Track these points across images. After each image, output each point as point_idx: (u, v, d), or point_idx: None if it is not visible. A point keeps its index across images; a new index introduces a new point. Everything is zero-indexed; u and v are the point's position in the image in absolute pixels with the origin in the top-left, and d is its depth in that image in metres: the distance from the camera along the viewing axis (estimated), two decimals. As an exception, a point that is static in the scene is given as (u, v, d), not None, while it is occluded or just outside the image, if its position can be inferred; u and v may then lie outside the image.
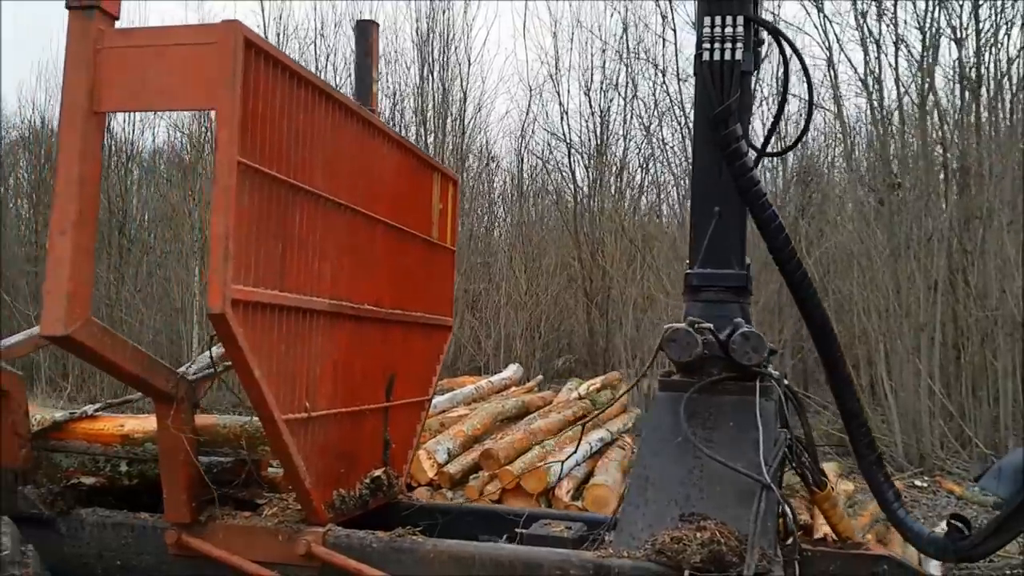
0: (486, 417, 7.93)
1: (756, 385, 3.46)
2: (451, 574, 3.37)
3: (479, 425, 7.74)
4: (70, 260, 2.88)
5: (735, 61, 3.51)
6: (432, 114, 18.67)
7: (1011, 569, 6.29)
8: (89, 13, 2.96)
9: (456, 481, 6.85)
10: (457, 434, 7.38)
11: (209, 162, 20.97)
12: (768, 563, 3.15)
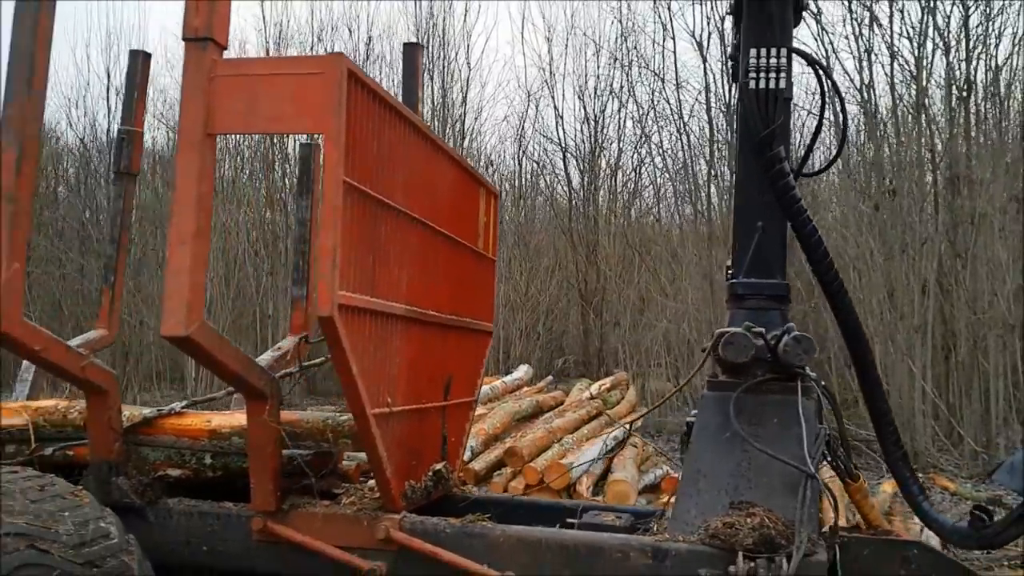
0: (504, 416, 8.24)
1: (798, 385, 3.79)
2: (519, 557, 3.67)
3: (498, 424, 8.06)
4: (189, 269, 3.17)
5: (779, 89, 3.84)
6: (432, 119, 18.97)
7: (1009, 561, 6.64)
8: (203, 44, 3.25)
9: (480, 477, 7.17)
10: (479, 432, 7.69)
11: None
12: (813, 545, 3.47)
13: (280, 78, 3.24)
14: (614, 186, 18.69)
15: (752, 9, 3.91)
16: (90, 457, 3.98)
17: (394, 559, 3.76)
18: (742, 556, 3.40)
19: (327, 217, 3.14)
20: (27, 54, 3.43)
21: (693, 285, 14.50)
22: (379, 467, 3.66)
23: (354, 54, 20.61)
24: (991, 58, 13.96)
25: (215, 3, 3.27)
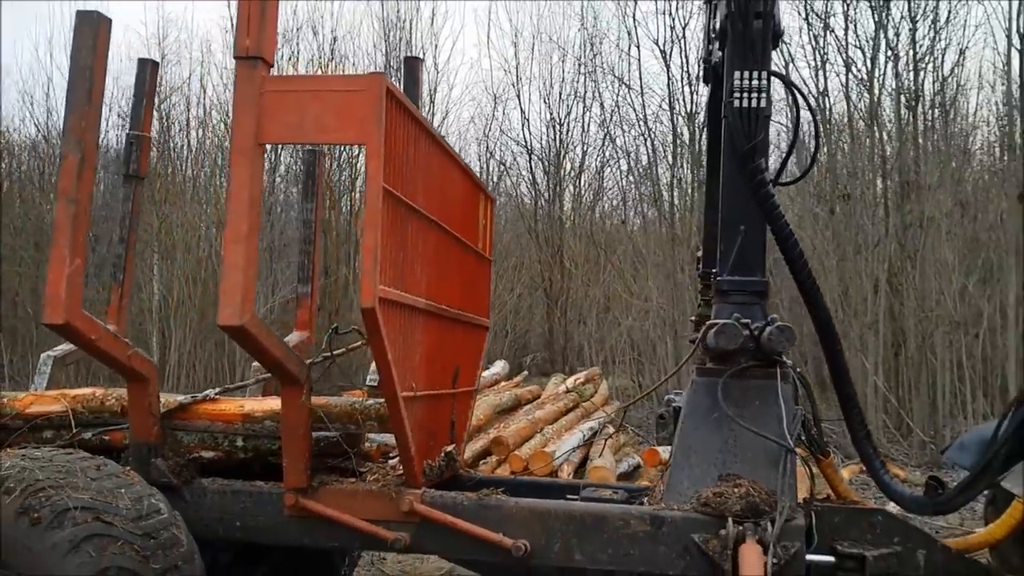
0: (487, 409, 8.64)
1: (777, 371, 4.24)
2: (532, 526, 4.06)
3: (482, 416, 8.45)
4: (243, 266, 3.53)
5: (760, 108, 4.28)
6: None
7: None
8: (254, 63, 3.60)
9: (468, 465, 7.54)
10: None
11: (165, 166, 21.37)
12: (793, 512, 3.92)
13: (326, 94, 3.61)
14: (579, 187, 19.20)
15: (736, 35, 4.34)
16: (131, 440, 4.29)
17: (416, 530, 4.13)
18: (731, 521, 3.84)
19: (370, 219, 3.52)
20: (86, 68, 3.75)
21: (657, 284, 15.02)
22: (405, 446, 4.03)
23: (319, 54, 20.91)
24: (938, 69, 14.70)
25: (264, 25, 3.62)
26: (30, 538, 3.44)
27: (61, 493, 3.53)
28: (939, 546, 4.22)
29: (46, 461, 3.72)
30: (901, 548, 4.15)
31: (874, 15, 14.27)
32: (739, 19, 4.27)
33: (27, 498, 3.48)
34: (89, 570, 3.41)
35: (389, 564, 7.19)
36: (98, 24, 3.80)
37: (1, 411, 4.53)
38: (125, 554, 3.51)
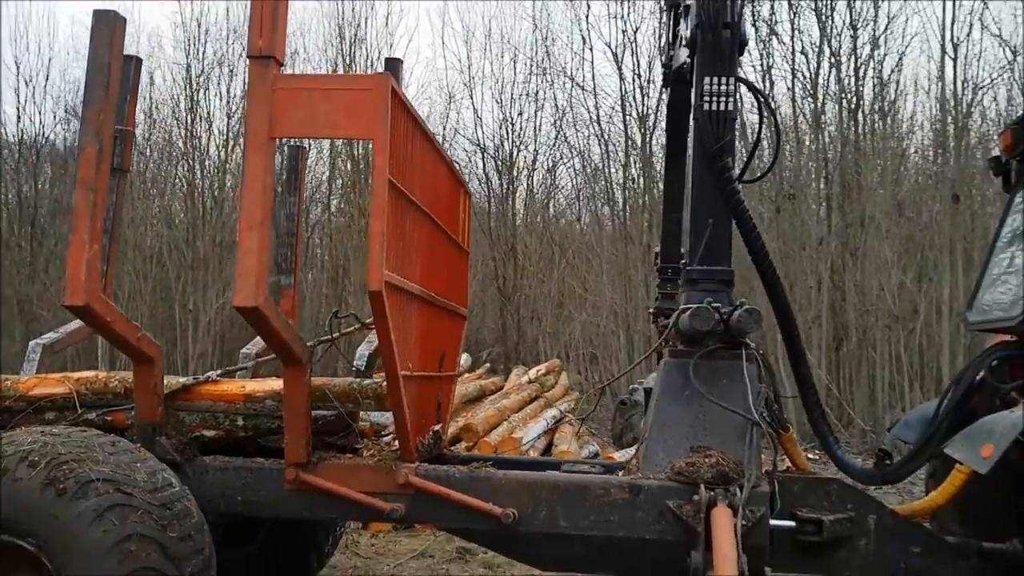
0: (455, 398, 8.91)
1: (743, 353, 4.62)
2: (519, 495, 4.37)
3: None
4: (256, 250, 3.78)
5: (727, 111, 4.64)
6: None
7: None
8: (266, 61, 3.86)
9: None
10: (432, 411, 8.36)
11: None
12: (758, 480, 4.30)
13: (335, 92, 3.88)
14: (531, 186, 19.55)
15: (705, 44, 4.70)
16: (136, 419, 4.50)
17: (411, 501, 4.41)
18: (703, 488, 4.19)
19: (376, 209, 3.79)
20: (103, 64, 3.97)
21: (610, 280, 15.44)
22: (402, 422, 4.31)
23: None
24: (877, 75, 15.38)
25: (275, 26, 3.88)
26: (56, 508, 3.65)
27: (83, 466, 3.74)
28: (887, 511, 4.61)
29: (65, 437, 3.92)
30: (854, 513, 4.53)
31: (819, 23, 14.87)
32: (709, 29, 4.64)
33: (52, 470, 3.69)
34: (113, 537, 3.64)
35: (363, 547, 7.44)
36: (114, 23, 4.02)
37: (6, 393, 4.70)
38: (145, 523, 3.73)
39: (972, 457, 4.16)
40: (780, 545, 4.39)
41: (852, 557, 4.52)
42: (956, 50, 14.00)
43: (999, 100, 15.73)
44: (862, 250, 13.97)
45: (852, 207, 14.39)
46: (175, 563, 3.76)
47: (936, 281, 13.68)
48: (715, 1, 4.66)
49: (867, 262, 13.94)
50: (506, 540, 4.56)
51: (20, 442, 3.81)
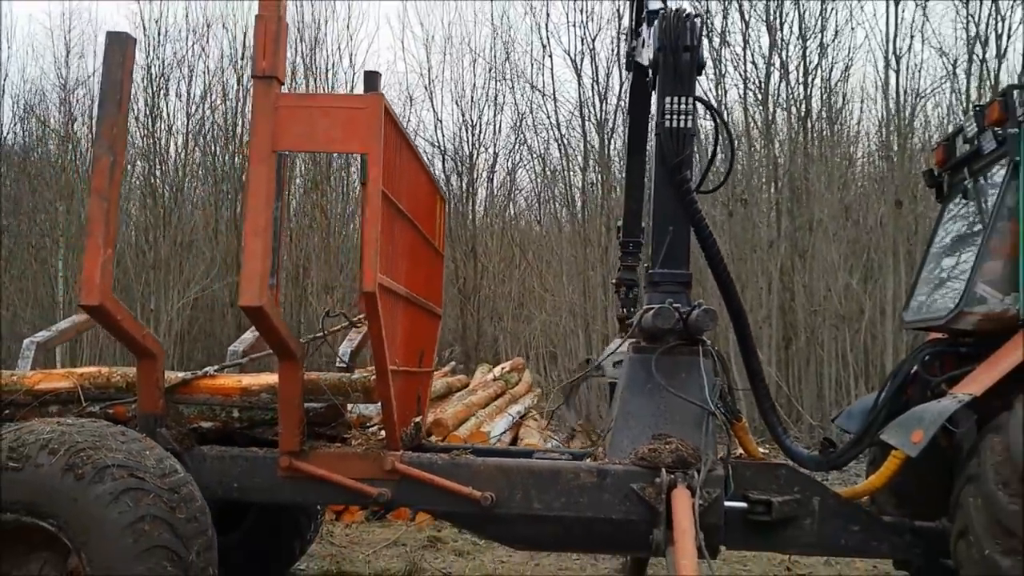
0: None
1: (700, 349, 5.05)
2: (497, 480, 4.76)
3: (418, 400, 9.08)
4: (261, 254, 4.12)
5: (687, 128, 5.07)
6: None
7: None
8: (269, 81, 4.20)
9: (408, 445, 8.20)
10: (402, 407, 8.71)
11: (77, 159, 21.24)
12: (714, 464, 4.74)
13: (333, 110, 4.24)
14: (491, 188, 19.93)
15: (667, 66, 5.11)
16: (139, 411, 4.81)
17: (396, 486, 4.78)
18: (664, 471, 4.61)
19: (371, 216, 4.16)
20: (116, 81, 4.29)
21: (569, 281, 15.90)
22: (389, 413, 4.68)
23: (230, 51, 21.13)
24: (825, 84, 16.03)
25: (277, 49, 4.22)
26: (75, 491, 3.96)
27: (99, 453, 4.06)
28: (830, 494, 5.08)
29: (80, 427, 4.23)
30: (800, 495, 4.99)
31: (769, 34, 15.46)
32: (670, 52, 5.06)
33: (70, 457, 4.00)
34: (128, 518, 3.96)
35: (338, 536, 7.77)
36: (126, 43, 4.34)
37: (13, 388, 4.97)
38: (156, 505, 4.06)
39: (904, 442, 4.62)
40: (733, 524, 4.83)
41: (798, 535, 4.98)
42: (899, 62, 14.67)
43: (941, 107, 16.53)
44: (810, 252, 14.58)
45: (801, 211, 15.00)
46: (183, 542, 4.09)
47: (880, 282, 14.31)
48: (676, 26, 5.09)
49: (815, 264, 14.55)
50: (484, 522, 4.94)
51: (39, 431, 4.11)
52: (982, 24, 14.46)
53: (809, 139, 15.80)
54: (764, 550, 5.81)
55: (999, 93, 5.17)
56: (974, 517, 4.25)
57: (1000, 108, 4.92)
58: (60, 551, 4.08)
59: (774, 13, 15.52)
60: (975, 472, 4.33)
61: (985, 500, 4.20)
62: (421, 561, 6.93)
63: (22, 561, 4.13)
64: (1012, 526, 4.06)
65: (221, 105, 20.90)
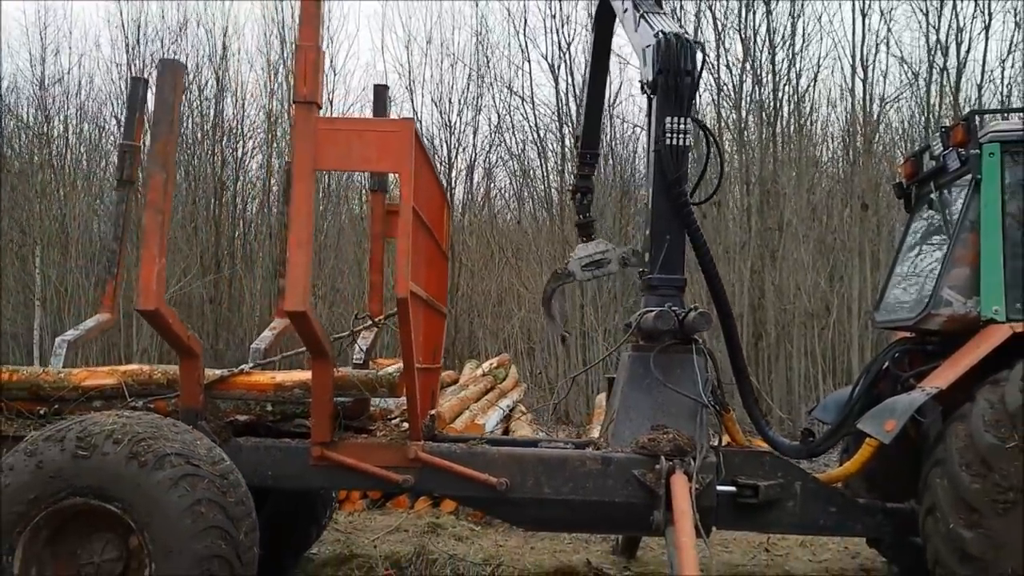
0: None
1: (693, 348, 5.55)
2: (510, 467, 5.22)
3: (413, 395, 9.52)
4: (304, 264, 4.54)
5: (685, 146, 5.56)
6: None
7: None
8: (310, 106, 4.62)
9: (407, 437, 8.64)
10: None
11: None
12: (707, 452, 5.24)
13: (367, 133, 4.67)
14: (470, 187, 20.33)
15: (668, 89, 5.58)
16: (180, 406, 5.20)
17: (419, 473, 5.23)
18: (663, 459, 5.11)
19: (403, 229, 4.60)
20: (168, 104, 4.68)
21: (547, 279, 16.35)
22: (413, 406, 5.12)
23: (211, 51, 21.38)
24: (794, 90, 16.66)
25: (316, 76, 4.65)
26: (139, 477, 4.35)
27: (158, 442, 4.46)
28: (810, 478, 5.60)
29: (138, 419, 4.62)
30: (783, 480, 5.50)
31: (742, 43, 16.06)
32: (672, 76, 5.53)
33: (133, 446, 4.40)
34: (187, 501, 4.36)
35: (342, 524, 8.19)
36: (176, 70, 4.74)
37: (62, 384, 5.35)
38: (210, 489, 4.46)
39: (878, 430, 5.16)
40: (724, 506, 5.35)
41: (782, 516, 5.50)
42: (865, 71, 15.33)
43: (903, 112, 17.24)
44: (780, 253, 15.20)
45: (771, 213, 15.61)
46: (234, 523, 4.50)
47: (847, 281, 14.97)
48: (678, 51, 5.55)
49: (784, 264, 15.16)
50: (499, 505, 5.41)
51: (103, 423, 4.50)
52: (943, 33, 15.14)
53: (778, 143, 16.41)
54: (751, 530, 6.35)
55: (963, 117, 5.73)
56: (940, 496, 4.79)
57: (963, 131, 5.47)
58: (120, 531, 4.48)
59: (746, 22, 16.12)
60: (942, 456, 4.87)
61: (950, 481, 4.73)
62: (423, 545, 7.35)
63: (85, 541, 4.52)
64: (974, 502, 4.60)
65: (198, 103, 21.11)
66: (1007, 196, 5.27)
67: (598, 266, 7.29)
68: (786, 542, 7.83)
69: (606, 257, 7.26)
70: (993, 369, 4.92)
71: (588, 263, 7.26)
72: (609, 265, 7.32)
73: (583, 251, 7.30)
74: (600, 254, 7.26)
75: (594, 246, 7.35)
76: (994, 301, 5.14)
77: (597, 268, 7.30)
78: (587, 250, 7.31)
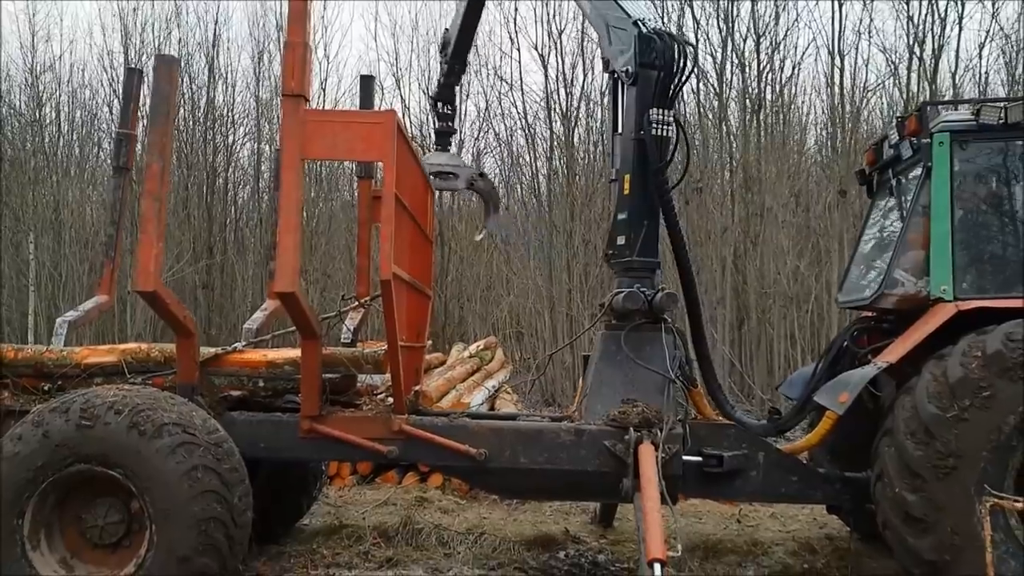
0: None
1: (662, 327, 5.88)
2: (490, 439, 5.55)
3: (401, 376, 9.84)
4: (293, 249, 4.85)
5: (668, 137, 5.86)
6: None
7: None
8: (298, 100, 4.92)
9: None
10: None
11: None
12: (674, 424, 5.57)
13: (353, 124, 4.98)
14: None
15: (654, 84, 5.81)
16: (177, 382, 5.52)
17: (404, 445, 5.55)
18: (632, 430, 5.44)
19: (386, 215, 4.90)
20: (164, 97, 4.98)
21: (535, 265, 16.71)
22: (397, 382, 5.43)
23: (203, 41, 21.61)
24: (776, 78, 16.97)
25: (304, 71, 4.94)
26: (139, 445, 4.67)
27: (156, 413, 4.78)
28: (773, 449, 5.93)
29: (137, 392, 4.95)
30: (747, 450, 5.82)
31: (720, 30, 16.36)
32: (663, 74, 5.78)
33: (134, 417, 4.72)
34: (185, 467, 4.69)
35: (332, 497, 8.52)
36: (171, 65, 5.03)
37: (64, 362, 5.66)
38: (206, 457, 4.79)
39: (833, 402, 5.50)
40: (690, 475, 5.67)
41: (745, 484, 5.84)
42: (843, 60, 15.64)
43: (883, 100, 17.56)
44: (762, 238, 15.53)
45: (753, 199, 15.94)
46: (228, 488, 4.83)
47: (827, 266, 15.32)
48: (670, 53, 5.82)
49: (766, 249, 15.50)
50: (479, 474, 5.74)
51: (104, 395, 4.83)
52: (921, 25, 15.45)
53: (761, 130, 16.73)
54: (716, 498, 6.68)
55: (916, 108, 6.05)
56: (888, 463, 5.13)
57: (916, 121, 5.80)
58: (123, 496, 4.81)
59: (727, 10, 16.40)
60: (890, 426, 5.21)
61: (897, 448, 5.08)
62: (410, 517, 7.69)
63: (89, 505, 4.85)
64: (917, 468, 4.94)
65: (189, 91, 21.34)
66: (956, 183, 5.59)
67: (444, 179, 7.42)
68: (757, 513, 8.19)
69: (455, 172, 7.38)
70: (941, 344, 5.25)
71: (437, 172, 7.35)
72: (456, 181, 7.43)
73: (435, 159, 7.43)
74: (451, 167, 7.39)
75: (447, 158, 7.50)
76: (942, 281, 5.46)
77: (443, 180, 7.44)
78: (439, 159, 7.45)
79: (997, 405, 4.86)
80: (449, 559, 6.65)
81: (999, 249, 5.64)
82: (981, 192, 5.80)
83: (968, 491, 4.83)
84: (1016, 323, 4.99)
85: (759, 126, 16.65)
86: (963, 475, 4.85)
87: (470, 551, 6.78)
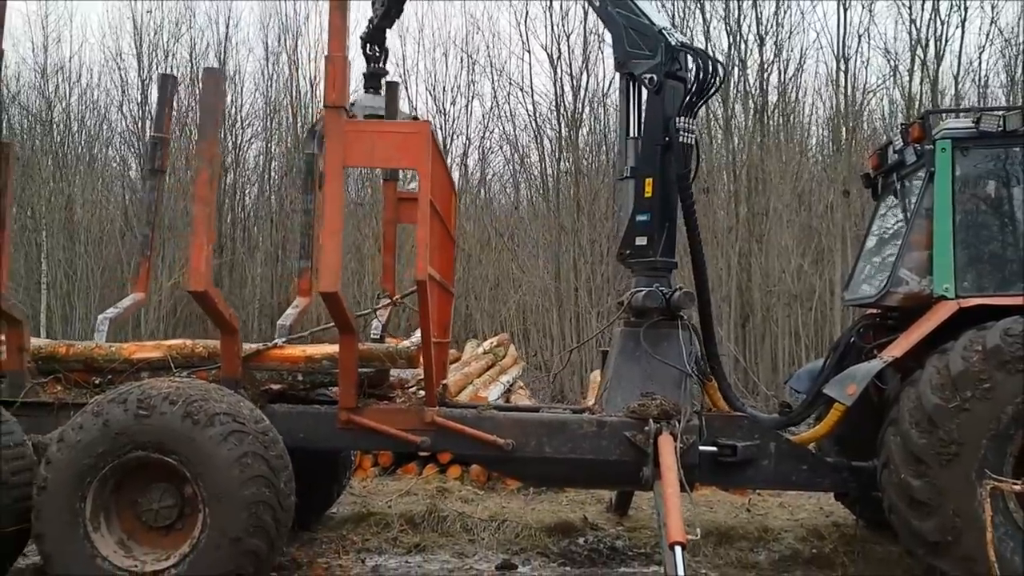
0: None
1: (679, 324, 6.20)
2: (515, 430, 5.87)
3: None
4: (336, 250, 5.17)
5: (692, 144, 6.18)
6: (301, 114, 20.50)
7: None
8: (339, 111, 5.23)
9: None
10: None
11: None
12: (691, 416, 5.89)
13: (390, 134, 5.30)
14: (466, 173, 20.92)
15: (681, 96, 6.14)
16: (222, 376, 5.83)
17: (435, 436, 5.87)
18: (652, 422, 5.75)
19: (422, 219, 5.22)
20: (212, 108, 5.30)
21: (544, 263, 17.02)
22: (430, 375, 5.76)
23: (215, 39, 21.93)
24: (780, 80, 17.28)
25: (345, 84, 5.25)
26: (193, 433, 4.98)
27: (208, 403, 5.08)
28: (784, 439, 6.24)
29: (189, 383, 5.26)
30: (759, 441, 6.13)
31: (728, 34, 16.67)
32: (696, 92, 6.12)
33: (187, 406, 5.03)
34: (236, 454, 4.99)
35: (356, 488, 8.84)
36: (218, 76, 5.35)
37: (113, 357, 5.98)
38: (255, 444, 5.09)
39: (841, 394, 5.81)
40: (705, 464, 5.98)
41: (758, 473, 6.16)
42: (847, 63, 15.95)
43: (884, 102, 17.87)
44: (766, 237, 15.85)
45: (757, 199, 16.26)
46: (275, 473, 5.15)
47: (830, 264, 15.64)
48: (707, 72, 6.14)
49: (770, 248, 15.82)
50: (505, 463, 6.06)
51: (159, 387, 5.14)
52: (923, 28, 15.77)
53: (765, 132, 17.03)
54: (731, 486, 6.99)
55: (919, 116, 6.37)
56: (893, 451, 5.45)
57: (920, 128, 6.11)
58: (176, 481, 5.12)
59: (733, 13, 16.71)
60: (895, 416, 5.53)
61: (902, 437, 5.39)
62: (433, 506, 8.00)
63: (145, 490, 5.16)
64: (921, 455, 5.26)
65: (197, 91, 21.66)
66: (957, 187, 5.91)
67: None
68: (766, 503, 8.51)
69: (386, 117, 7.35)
70: (943, 340, 5.56)
71: (368, 115, 7.36)
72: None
73: (368, 101, 7.52)
74: (381, 111, 7.42)
75: (380, 100, 7.54)
76: (945, 280, 5.77)
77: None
78: (372, 102, 7.53)
79: (996, 396, 5.18)
80: (474, 544, 6.98)
81: (998, 249, 5.97)
82: (981, 195, 6.12)
83: (969, 476, 5.15)
84: (1014, 319, 5.31)
85: (763, 127, 16.95)
86: (964, 461, 5.17)
87: (493, 537, 7.11)
